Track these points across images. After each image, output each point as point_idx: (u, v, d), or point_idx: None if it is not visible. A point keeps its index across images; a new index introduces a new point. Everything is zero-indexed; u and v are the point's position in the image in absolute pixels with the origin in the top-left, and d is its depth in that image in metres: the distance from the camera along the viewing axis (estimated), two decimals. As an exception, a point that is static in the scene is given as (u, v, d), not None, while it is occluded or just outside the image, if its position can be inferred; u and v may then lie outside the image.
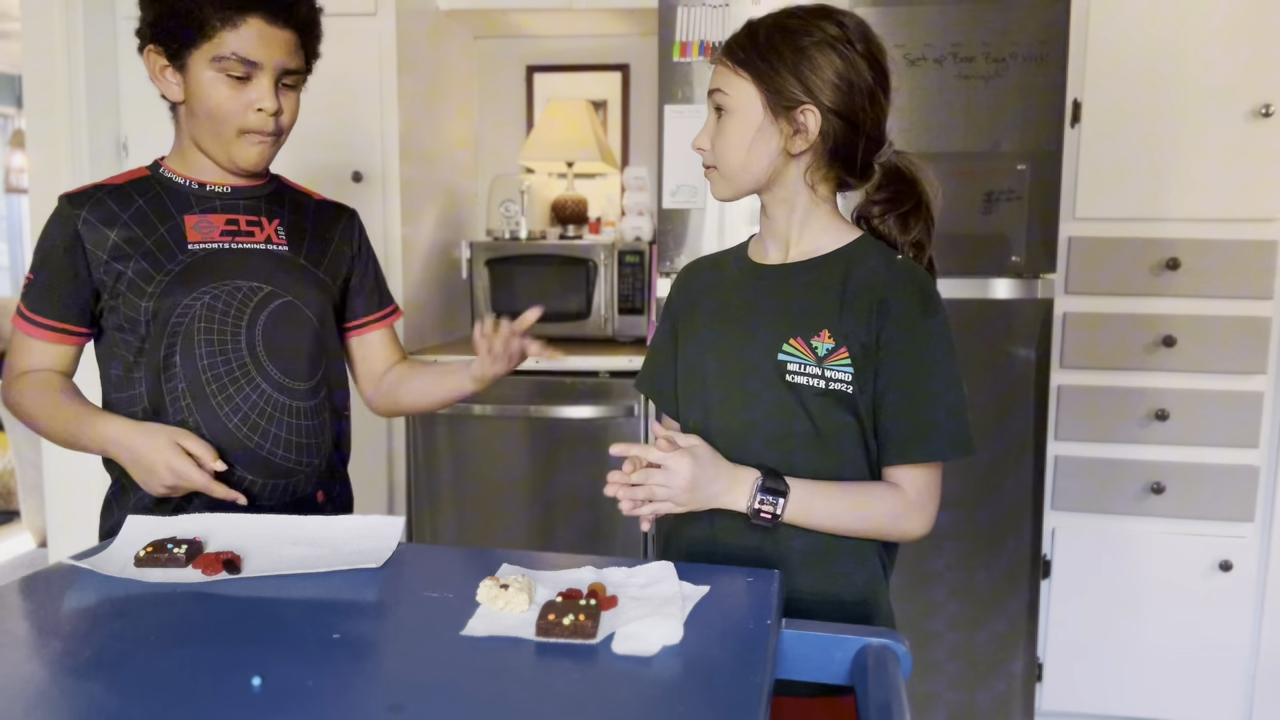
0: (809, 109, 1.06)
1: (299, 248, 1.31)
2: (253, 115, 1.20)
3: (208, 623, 0.83)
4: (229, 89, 1.19)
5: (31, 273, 1.26)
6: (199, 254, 1.24)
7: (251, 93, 1.19)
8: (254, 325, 1.25)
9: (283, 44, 1.19)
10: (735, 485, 1.06)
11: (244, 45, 1.17)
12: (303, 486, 1.30)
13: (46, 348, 1.26)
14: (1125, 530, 2.23)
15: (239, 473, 1.24)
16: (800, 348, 1.08)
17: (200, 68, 1.18)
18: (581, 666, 0.76)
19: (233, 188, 1.29)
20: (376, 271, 1.44)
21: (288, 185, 1.37)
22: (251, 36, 1.17)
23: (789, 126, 1.07)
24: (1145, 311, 2.18)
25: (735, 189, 1.13)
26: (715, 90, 1.10)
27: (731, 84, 1.09)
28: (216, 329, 1.23)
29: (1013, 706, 2.13)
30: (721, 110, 1.10)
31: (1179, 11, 2.10)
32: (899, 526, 1.09)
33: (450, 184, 2.79)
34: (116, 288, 1.22)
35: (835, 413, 1.08)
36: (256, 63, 1.18)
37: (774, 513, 1.05)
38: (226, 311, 1.24)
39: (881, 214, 1.13)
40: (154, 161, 1.30)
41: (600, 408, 2.30)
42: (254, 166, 1.25)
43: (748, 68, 1.07)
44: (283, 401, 1.26)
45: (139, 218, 1.24)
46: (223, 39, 1.16)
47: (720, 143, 1.11)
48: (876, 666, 0.85)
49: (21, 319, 1.26)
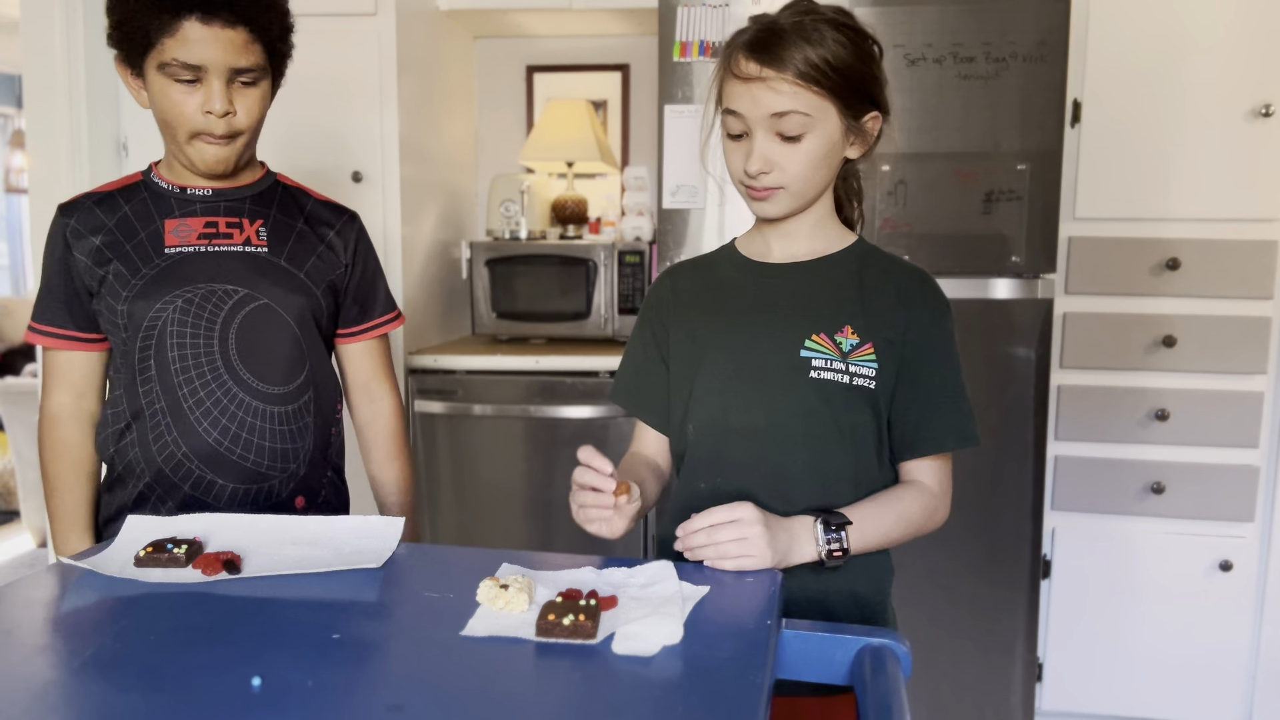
0: (874, 115, 1.07)
1: (280, 249, 1.29)
2: (202, 117, 1.18)
3: (208, 623, 0.83)
4: (179, 93, 1.17)
5: (39, 286, 1.29)
6: (174, 257, 1.23)
7: (199, 96, 1.17)
8: (228, 328, 1.24)
9: (227, 43, 1.16)
10: (801, 533, 1.02)
11: (183, 50, 1.14)
12: (279, 491, 1.28)
13: (62, 357, 1.28)
14: (1125, 530, 2.23)
15: (211, 476, 1.24)
16: (824, 343, 1.08)
17: (152, 76, 1.18)
18: (581, 666, 0.76)
19: (214, 190, 1.27)
20: (373, 281, 1.39)
21: (284, 184, 1.35)
22: (190, 40, 1.14)
23: (855, 133, 1.07)
24: (1145, 311, 2.18)
25: (801, 203, 1.09)
26: (790, 113, 1.02)
27: (812, 104, 1.03)
28: (189, 332, 1.22)
29: (1013, 706, 2.13)
30: (795, 135, 1.04)
31: (1179, 11, 2.10)
32: (933, 521, 1.11)
33: (450, 184, 2.79)
34: (100, 291, 1.23)
35: (856, 409, 1.08)
36: (199, 66, 1.15)
37: (844, 548, 1.03)
38: (200, 315, 1.23)
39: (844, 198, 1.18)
40: (148, 166, 1.30)
41: (600, 408, 2.30)
42: (213, 169, 1.23)
43: (824, 84, 1.02)
44: (257, 406, 1.25)
45: (122, 223, 1.24)
46: (164, 45, 1.15)
47: (795, 165, 1.05)
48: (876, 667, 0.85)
49: (31, 331, 1.28)
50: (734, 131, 1.08)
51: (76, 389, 1.29)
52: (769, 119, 1.04)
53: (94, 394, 1.30)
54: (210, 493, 1.24)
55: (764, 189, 1.08)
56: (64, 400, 1.28)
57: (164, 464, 1.23)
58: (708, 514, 0.98)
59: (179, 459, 1.23)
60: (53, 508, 1.29)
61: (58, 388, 1.29)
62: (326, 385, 1.35)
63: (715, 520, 0.97)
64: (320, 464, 1.34)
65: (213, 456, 1.23)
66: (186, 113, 1.18)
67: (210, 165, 1.22)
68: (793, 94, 1.02)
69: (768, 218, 1.12)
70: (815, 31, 1.02)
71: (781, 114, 1.03)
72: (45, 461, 1.30)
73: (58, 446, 1.29)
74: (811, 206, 1.12)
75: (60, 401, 1.28)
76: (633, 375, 1.23)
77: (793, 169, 1.05)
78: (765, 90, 1.03)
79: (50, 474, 1.29)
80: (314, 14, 1.37)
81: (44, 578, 0.94)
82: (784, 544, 1.00)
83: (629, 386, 1.24)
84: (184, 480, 1.23)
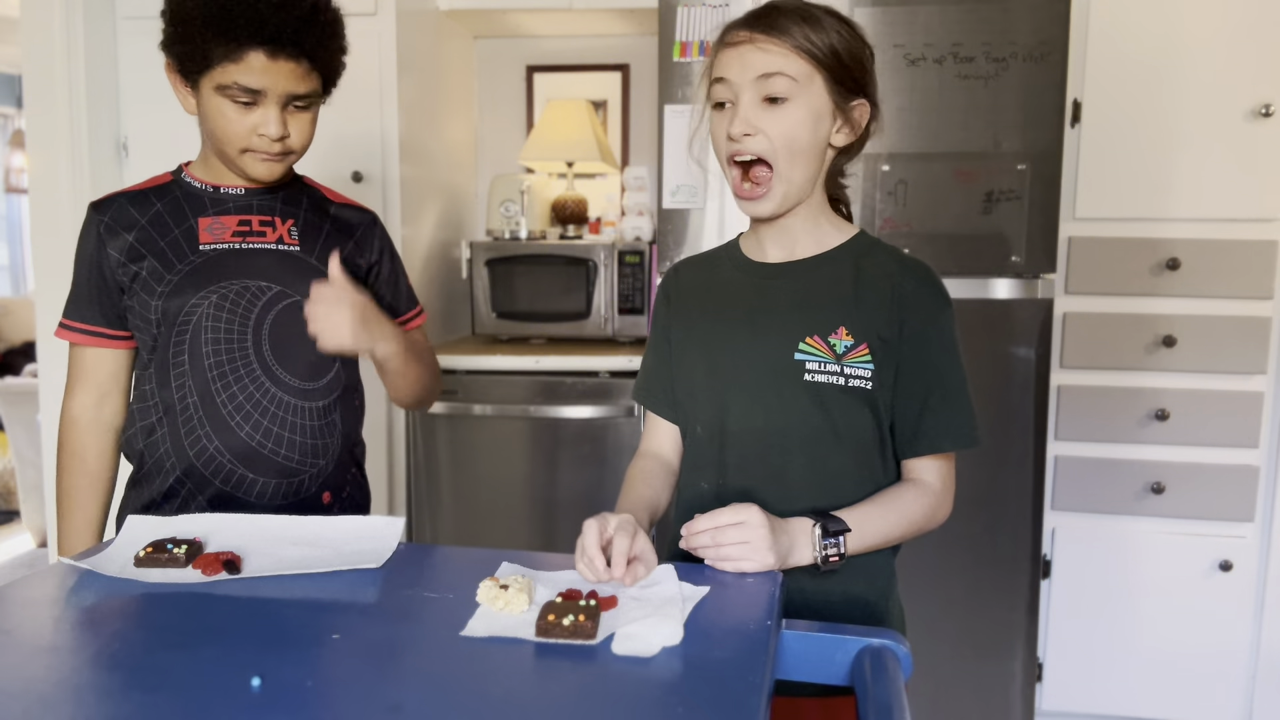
0: (861, 103, 1.06)
1: (312, 248, 1.31)
2: (256, 138, 1.20)
3: (208, 623, 0.83)
4: (234, 113, 1.18)
5: (71, 283, 1.29)
6: (209, 254, 1.25)
7: (255, 117, 1.19)
8: (261, 325, 1.25)
9: (288, 73, 1.18)
10: (800, 537, 1.02)
11: (246, 76, 1.16)
12: (308, 487, 1.30)
13: (89, 354, 1.29)
14: (1125, 530, 2.23)
15: (242, 471, 1.25)
16: (818, 346, 1.07)
17: (207, 91, 1.19)
18: (581, 667, 0.76)
19: (247, 189, 1.29)
20: (396, 279, 1.42)
21: (309, 185, 1.37)
22: (254, 69, 1.16)
23: (842, 120, 1.06)
24: (1145, 311, 2.18)
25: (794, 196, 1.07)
26: (774, 74, 1.01)
27: (799, 69, 1.01)
28: (224, 328, 1.24)
29: (1012, 706, 2.13)
30: (780, 97, 1.02)
31: (1179, 11, 2.10)
32: (935, 519, 1.11)
33: (450, 184, 2.79)
34: (133, 287, 1.25)
35: (853, 410, 1.08)
36: (260, 90, 1.17)
37: (840, 553, 1.03)
38: (234, 311, 1.24)
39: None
40: (178, 166, 1.31)
41: (600, 408, 2.29)
42: (265, 180, 1.26)
43: (813, 51, 1.01)
44: (290, 402, 1.27)
45: (156, 221, 1.26)
46: (226, 69, 1.16)
47: (778, 128, 1.02)
48: (876, 667, 0.85)
49: (61, 328, 1.29)
50: (720, 99, 1.07)
51: (101, 389, 1.30)
52: (755, 81, 1.03)
53: (117, 396, 1.31)
54: (242, 488, 1.25)
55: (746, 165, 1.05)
56: (86, 402, 1.29)
57: (196, 459, 1.24)
58: (714, 515, 0.98)
59: (211, 453, 1.24)
60: (63, 523, 1.30)
61: (82, 388, 1.29)
62: (353, 382, 1.37)
63: (721, 522, 0.97)
64: (347, 461, 1.36)
65: (248, 452, 1.24)
66: (241, 132, 1.19)
67: (263, 177, 1.25)
68: (781, 55, 1.02)
69: (760, 217, 1.10)
70: (810, 13, 1.04)
71: (768, 75, 1.02)
72: (61, 470, 1.30)
73: (74, 457, 1.29)
74: (804, 203, 1.10)
75: (82, 403, 1.29)
76: (648, 374, 1.25)
77: (775, 132, 1.03)
78: (754, 50, 1.03)
79: (65, 485, 1.30)
80: (314, 14, 1.38)
81: (44, 578, 0.94)
82: (784, 547, 1.00)
83: (646, 385, 1.25)
84: (215, 475, 1.25)
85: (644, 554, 0.95)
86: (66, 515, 1.29)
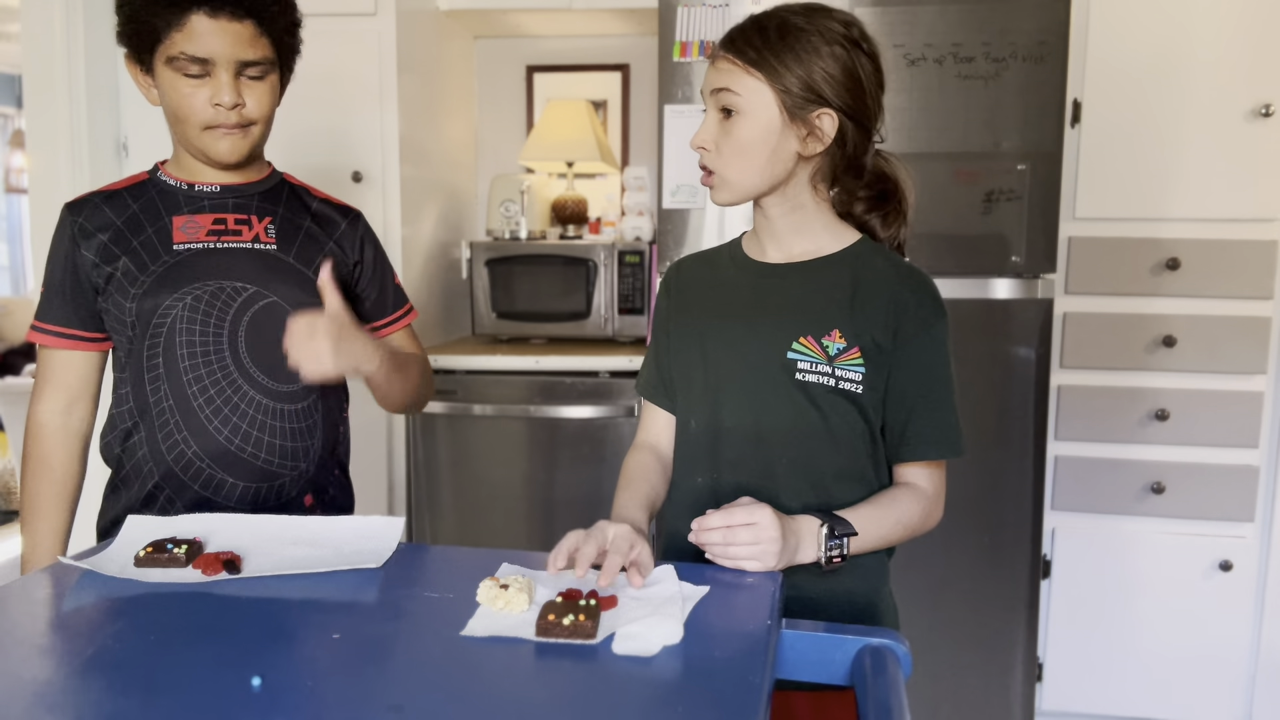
0: (826, 112, 1.05)
1: (289, 247, 1.29)
2: (212, 110, 1.19)
3: (208, 623, 0.83)
4: (188, 87, 1.18)
5: (43, 285, 1.28)
6: (183, 254, 1.23)
7: (208, 88, 1.18)
8: (237, 326, 1.24)
9: (234, 36, 1.17)
10: (806, 536, 1.02)
11: (191, 43, 1.15)
12: (288, 490, 1.28)
13: (59, 358, 1.27)
14: (1125, 530, 2.23)
15: (221, 475, 1.23)
16: (811, 346, 1.08)
17: (161, 71, 1.19)
18: (581, 667, 0.76)
19: (222, 186, 1.27)
20: (382, 277, 1.40)
21: (289, 182, 1.35)
22: (197, 34, 1.15)
23: (804, 129, 1.05)
24: (1145, 311, 2.18)
25: (740, 193, 1.09)
26: (722, 89, 1.05)
27: (742, 83, 1.04)
28: (199, 329, 1.22)
29: (1013, 706, 2.13)
30: (730, 111, 1.06)
31: (1179, 11, 2.10)
32: (928, 524, 1.12)
33: (450, 184, 2.79)
34: (107, 289, 1.23)
35: (843, 412, 1.08)
36: (206, 59, 1.16)
37: (843, 554, 1.03)
38: (209, 312, 1.22)
39: (865, 211, 1.14)
40: (154, 165, 1.30)
41: (600, 408, 2.29)
42: (227, 158, 1.23)
43: (761, 67, 1.03)
44: (267, 404, 1.25)
45: (130, 221, 1.24)
46: (172, 39, 1.16)
47: (729, 145, 1.06)
48: (876, 667, 0.85)
49: (33, 330, 1.27)
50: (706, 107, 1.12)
51: (70, 394, 1.28)
52: (711, 95, 1.08)
53: (87, 402, 1.29)
54: (220, 492, 1.24)
55: (704, 170, 1.10)
56: (54, 408, 1.27)
57: (173, 463, 1.23)
58: (728, 513, 0.98)
59: (189, 458, 1.23)
60: (27, 531, 1.27)
61: (50, 391, 1.27)
62: (334, 385, 1.34)
63: (735, 521, 0.97)
64: (329, 462, 1.34)
65: (224, 455, 1.23)
66: (196, 105, 1.18)
67: (224, 155, 1.23)
68: (728, 72, 1.06)
69: (719, 204, 1.13)
70: (774, 19, 1.05)
71: (717, 90, 1.07)
72: (26, 476, 1.28)
73: (41, 463, 1.27)
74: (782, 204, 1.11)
75: (50, 409, 1.27)
76: (649, 368, 1.25)
77: (725, 150, 1.07)
78: (713, 69, 1.08)
79: (30, 491, 1.27)
80: (314, 14, 1.38)
81: (44, 578, 0.94)
82: (791, 547, 1.00)
83: (648, 379, 1.25)
84: (194, 480, 1.23)
85: (642, 561, 0.95)
86: (31, 523, 1.27)
